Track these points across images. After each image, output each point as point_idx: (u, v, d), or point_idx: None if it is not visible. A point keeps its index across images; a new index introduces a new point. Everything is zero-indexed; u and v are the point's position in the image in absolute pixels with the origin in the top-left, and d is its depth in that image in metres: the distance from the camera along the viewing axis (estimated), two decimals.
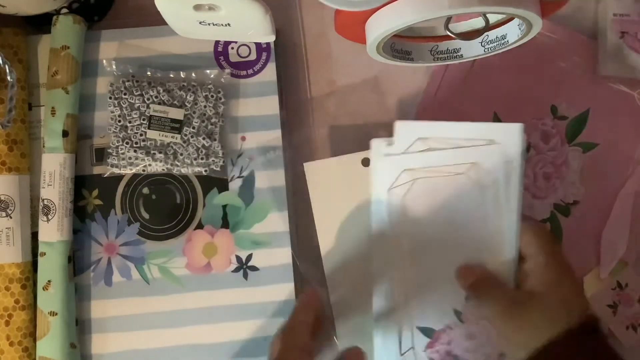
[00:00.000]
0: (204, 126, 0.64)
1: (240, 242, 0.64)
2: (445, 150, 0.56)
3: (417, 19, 0.48)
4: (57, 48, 0.62)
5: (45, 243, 0.61)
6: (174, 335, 0.63)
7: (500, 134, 0.55)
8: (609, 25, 0.65)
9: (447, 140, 0.55)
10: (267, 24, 0.58)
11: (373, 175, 0.58)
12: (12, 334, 0.61)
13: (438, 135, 0.55)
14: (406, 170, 0.57)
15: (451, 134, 0.55)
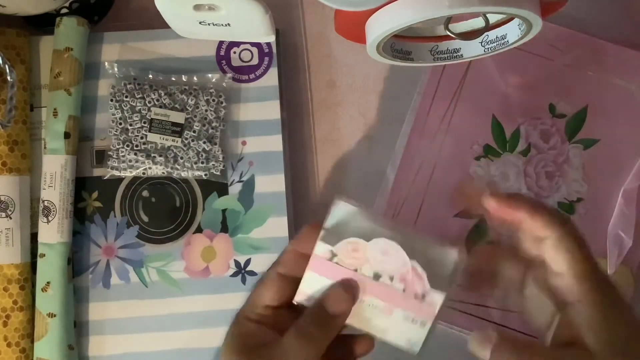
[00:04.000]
0: (205, 130, 0.64)
1: (239, 247, 0.64)
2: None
3: (417, 19, 0.47)
4: (61, 50, 0.62)
5: (45, 244, 0.61)
6: (171, 338, 0.63)
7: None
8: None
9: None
10: (267, 24, 0.58)
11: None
12: (10, 335, 0.61)
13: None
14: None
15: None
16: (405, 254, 0.47)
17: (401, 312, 0.48)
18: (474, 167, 0.66)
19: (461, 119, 0.66)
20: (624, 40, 0.67)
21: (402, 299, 0.47)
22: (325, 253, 0.48)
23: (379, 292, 0.48)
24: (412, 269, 0.47)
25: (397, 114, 0.68)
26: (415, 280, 0.47)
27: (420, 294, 0.47)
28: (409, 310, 0.47)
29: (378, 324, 0.48)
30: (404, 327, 0.48)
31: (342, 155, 0.68)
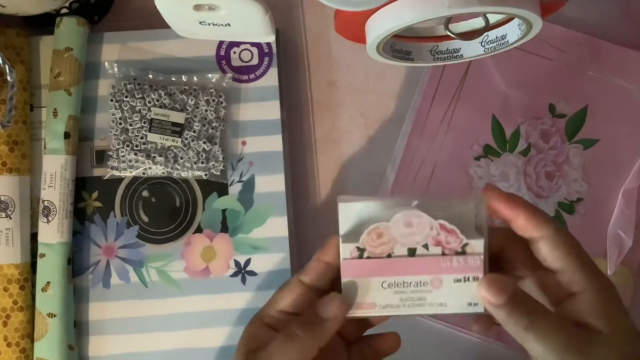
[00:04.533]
0: (205, 130, 0.64)
1: (239, 247, 0.64)
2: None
3: (417, 19, 0.47)
4: (61, 50, 0.62)
5: (45, 244, 0.61)
6: (171, 338, 0.63)
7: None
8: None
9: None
10: (267, 24, 0.58)
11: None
12: (10, 335, 0.61)
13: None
14: None
15: None
16: (428, 215, 0.45)
17: (450, 277, 0.45)
18: (474, 167, 0.66)
19: (461, 119, 0.66)
20: (624, 40, 0.67)
21: (445, 263, 0.45)
22: (352, 252, 0.46)
23: (421, 267, 0.46)
24: (441, 226, 0.45)
25: (397, 114, 0.68)
26: (449, 237, 0.45)
27: (460, 249, 0.45)
28: (457, 272, 0.45)
29: (433, 300, 0.46)
30: (459, 291, 0.45)
31: (342, 155, 0.68)
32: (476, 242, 0.45)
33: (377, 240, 0.46)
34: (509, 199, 0.46)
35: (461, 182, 0.66)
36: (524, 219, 0.46)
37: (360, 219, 0.47)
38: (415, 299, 0.46)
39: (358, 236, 0.46)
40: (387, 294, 0.46)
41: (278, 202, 0.64)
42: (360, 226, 0.46)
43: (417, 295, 0.46)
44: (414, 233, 0.45)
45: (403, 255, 0.46)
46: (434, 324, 0.65)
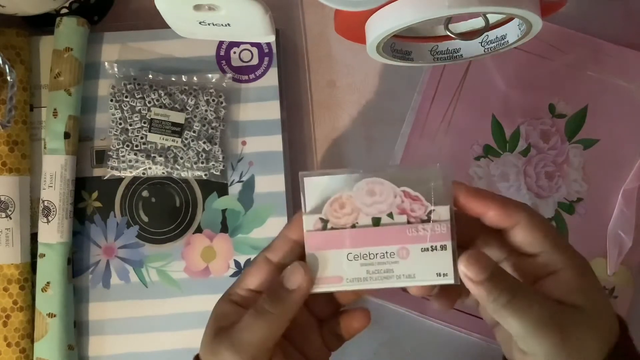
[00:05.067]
0: (205, 130, 0.64)
1: (239, 247, 0.64)
2: None
3: (417, 19, 0.47)
4: (60, 50, 0.62)
5: (45, 244, 0.61)
6: (171, 338, 0.63)
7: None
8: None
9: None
10: (267, 24, 0.58)
11: None
12: (10, 335, 0.61)
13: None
14: None
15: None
16: (391, 183, 0.44)
17: (417, 247, 0.44)
18: (474, 167, 0.66)
19: (461, 119, 0.66)
20: (624, 40, 0.67)
21: (411, 232, 0.44)
22: (316, 224, 0.45)
23: (386, 236, 0.44)
24: (405, 194, 0.44)
25: (397, 114, 0.67)
26: (414, 204, 0.44)
27: (425, 216, 0.44)
28: (424, 241, 0.44)
29: (401, 271, 0.44)
30: (427, 261, 0.44)
31: (342, 155, 0.68)
32: (441, 208, 0.43)
33: (341, 210, 0.44)
34: (477, 194, 0.45)
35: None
36: (495, 211, 0.45)
37: (325, 193, 0.45)
38: (382, 271, 0.44)
39: (321, 205, 0.44)
40: (353, 267, 0.44)
41: (278, 202, 0.64)
42: (324, 195, 0.45)
43: (384, 267, 0.44)
44: (378, 202, 0.44)
45: (367, 225, 0.44)
46: (434, 324, 0.65)
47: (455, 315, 0.65)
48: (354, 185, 0.44)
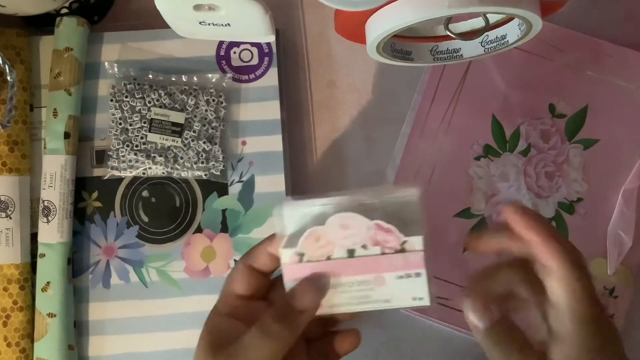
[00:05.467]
0: (205, 130, 0.64)
1: (239, 247, 0.64)
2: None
3: (417, 19, 0.47)
4: (61, 50, 0.62)
5: (45, 244, 0.61)
6: (171, 338, 0.63)
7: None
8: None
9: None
10: (267, 24, 0.58)
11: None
12: (10, 335, 0.61)
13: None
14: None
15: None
16: (363, 217, 0.44)
17: (392, 275, 0.45)
18: (474, 167, 0.66)
19: (461, 119, 0.66)
20: (624, 40, 0.67)
21: (386, 261, 0.45)
22: (292, 258, 0.46)
23: (361, 267, 0.45)
24: (378, 226, 0.44)
25: (397, 114, 0.67)
26: (387, 236, 0.44)
27: (399, 247, 0.45)
28: (398, 269, 0.45)
29: (378, 297, 0.46)
30: (402, 287, 0.45)
31: (342, 155, 0.68)
32: (415, 239, 0.44)
33: (316, 243, 0.45)
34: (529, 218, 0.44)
35: (461, 182, 0.66)
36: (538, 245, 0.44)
37: (299, 220, 0.46)
38: (360, 297, 0.46)
39: (297, 238, 0.45)
40: (331, 294, 0.46)
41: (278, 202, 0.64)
42: (300, 226, 0.46)
43: (362, 294, 0.46)
44: (351, 235, 0.45)
45: (342, 257, 0.45)
46: (434, 324, 0.65)
47: (455, 315, 0.65)
48: (327, 212, 0.45)
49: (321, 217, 0.45)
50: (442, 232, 0.66)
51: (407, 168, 0.66)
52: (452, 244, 0.66)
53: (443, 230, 0.66)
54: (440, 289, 0.65)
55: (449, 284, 0.65)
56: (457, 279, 0.65)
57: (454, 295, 0.65)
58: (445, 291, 0.65)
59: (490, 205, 0.66)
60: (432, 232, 0.65)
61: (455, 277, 0.65)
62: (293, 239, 0.45)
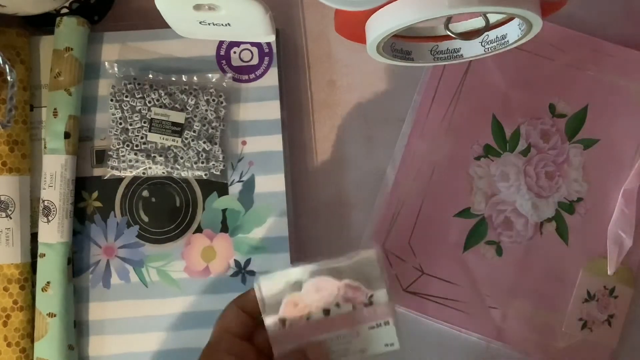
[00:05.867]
0: (205, 130, 0.64)
1: (239, 247, 0.64)
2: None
3: (417, 19, 0.47)
4: (61, 49, 0.62)
5: (45, 244, 0.61)
6: (171, 338, 0.63)
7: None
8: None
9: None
10: (267, 24, 0.58)
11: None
12: (10, 335, 0.61)
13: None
14: None
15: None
16: (333, 279, 0.51)
17: (365, 326, 0.51)
18: (474, 167, 0.66)
19: (461, 119, 0.66)
20: (624, 40, 0.68)
21: (358, 315, 0.51)
22: (276, 324, 0.51)
23: (337, 323, 0.51)
24: (346, 286, 0.51)
25: (397, 114, 0.68)
26: (356, 293, 0.51)
27: (367, 301, 0.51)
28: (369, 320, 0.51)
29: (354, 348, 0.51)
30: (375, 336, 0.51)
31: (342, 155, 0.68)
32: (380, 292, 0.51)
33: (295, 308, 0.51)
34: None
35: (461, 182, 0.66)
36: None
37: (277, 290, 0.51)
38: (340, 350, 0.51)
39: (277, 305, 0.51)
40: None
41: (278, 202, 0.64)
42: (279, 294, 0.51)
43: (342, 347, 0.51)
44: (325, 296, 0.51)
45: (320, 317, 0.51)
46: (434, 324, 0.65)
47: (456, 315, 0.65)
48: (302, 279, 0.51)
49: (296, 284, 0.51)
50: (442, 232, 0.66)
51: (407, 168, 0.66)
52: (452, 244, 0.66)
53: (443, 230, 0.66)
54: (440, 289, 0.65)
55: (449, 283, 0.65)
56: (457, 279, 0.65)
57: (454, 295, 0.65)
58: (445, 291, 0.65)
59: (490, 205, 0.66)
60: (432, 232, 0.65)
61: (455, 277, 0.65)
62: (273, 306, 0.51)
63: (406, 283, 0.65)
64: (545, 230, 0.66)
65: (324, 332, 0.51)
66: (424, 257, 0.66)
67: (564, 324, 0.64)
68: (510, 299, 0.65)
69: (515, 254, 0.65)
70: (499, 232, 0.66)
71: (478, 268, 0.65)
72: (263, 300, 0.51)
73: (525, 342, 0.64)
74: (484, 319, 0.65)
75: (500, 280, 0.65)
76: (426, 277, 0.65)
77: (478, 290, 0.65)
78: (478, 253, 0.65)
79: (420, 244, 0.66)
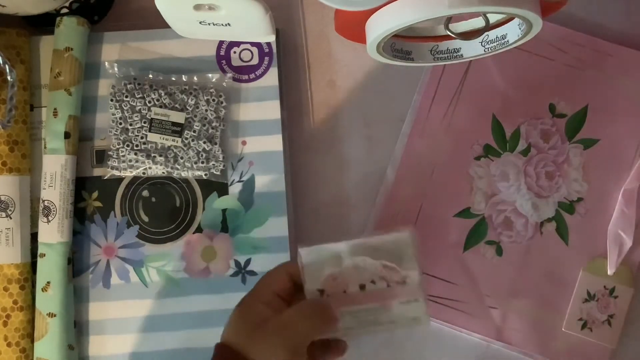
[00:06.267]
0: (205, 130, 0.64)
1: (239, 247, 0.64)
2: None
3: (417, 19, 0.47)
4: (61, 49, 0.62)
5: (45, 244, 0.61)
6: (171, 338, 0.63)
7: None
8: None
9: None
10: (267, 23, 0.58)
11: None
12: (10, 335, 0.61)
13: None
14: None
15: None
16: (371, 259, 0.54)
17: (397, 301, 0.54)
18: (474, 167, 0.66)
19: (461, 119, 0.66)
20: (624, 40, 0.67)
21: (391, 292, 0.54)
22: (314, 294, 0.54)
23: (371, 297, 0.54)
24: (383, 266, 0.54)
25: (397, 114, 0.68)
26: (391, 273, 0.54)
27: (402, 280, 0.54)
28: (401, 297, 0.54)
29: (383, 319, 0.55)
30: (405, 311, 0.54)
31: (342, 155, 0.68)
32: (413, 273, 0.54)
33: (334, 282, 0.54)
34: None
35: (461, 182, 0.66)
36: None
37: (318, 263, 0.54)
38: (370, 321, 0.55)
39: (318, 278, 0.54)
40: (346, 319, 0.55)
41: (278, 201, 0.64)
42: (320, 267, 0.54)
43: (371, 318, 0.55)
44: (362, 274, 0.54)
45: (356, 291, 0.54)
46: (434, 324, 0.65)
47: (456, 315, 0.65)
48: (342, 255, 0.54)
49: (336, 258, 0.54)
50: (442, 232, 0.66)
51: (407, 168, 0.66)
52: (452, 244, 0.66)
53: (443, 230, 0.66)
54: (441, 289, 0.65)
55: (449, 283, 0.65)
56: (457, 279, 0.65)
57: (454, 295, 0.65)
58: (445, 291, 0.65)
59: (490, 205, 0.66)
60: (432, 232, 0.65)
61: (455, 277, 0.65)
62: (314, 276, 0.54)
63: None
64: (545, 230, 0.66)
65: (357, 304, 0.54)
66: (424, 257, 0.65)
67: (564, 324, 0.65)
68: (510, 299, 0.65)
69: (515, 254, 0.65)
70: (499, 232, 0.66)
71: (478, 268, 0.65)
72: (304, 270, 0.54)
73: (525, 342, 0.64)
74: (484, 319, 0.65)
75: (500, 280, 0.65)
76: (426, 277, 0.65)
77: (478, 290, 0.65)
78: (478, 253, 0.65)
79: (420, 244, 0.65)
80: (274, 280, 0.55)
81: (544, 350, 0.64)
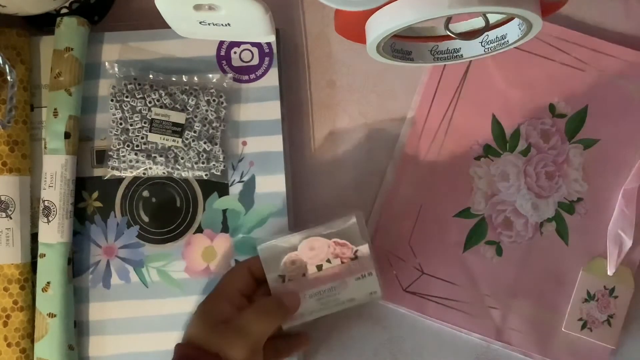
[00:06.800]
0: (205, 130, 0.64)
1: (240, 247, 0.64)
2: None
3: (417, 19, 0.47)
4: (61, 50, 0.62)
5: (45, 244, 0.61)
6: (171, 338, 0.63)
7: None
8: None
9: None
10: (267, 23, 0.58)
11: None
12: (10, 335, 0.61)
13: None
14: None
15: None
16: (324, 238, 0.60)
17: (352, 278, 0.60)
18: (474, 167, 0.66)
19: (461, 119, 0.66)
20: (624, 40, 0.68)
21: (346, 269, 0.60)
22: (277, 280, 0.60)
23: (329, 276, 0.60)
24: (335, 243, 0.60)
25: (397, 114, 0.68)
26: (343, 249, 0.60)
27: (353, 255, 0.60)
28: (355, 273, 0.60)
29: (343, 298, 0.60)
30: (360, 286, 0.60)
31: (342, 155, 0.68)
32: (363, 247, 0.60)
33: (292, 266, 0.60)
34: None
35: (461, 182, 0.66)
36: None
37: (276, 251, 0.60)
38: (332, 301, 0.60)
39: (277, 263, 0.60)
40: (310, 303, 0.60)
41: (278, 202, 0.64)
42: (277, 255, 0.60)
43: (332, 298, 0.60)
44: (317, 254, 0.60)
45: (314, 272, 0.60)
46: (434, 324, 0.65)
47: (456, 315, 0.65)
48: (298, 244, 0.60)
49: (293, 247, 0.60)
50: (442, 232, 0.66)
51: (407, 168, 0.66)
52: (452, 244, 0.66)
53: (443, 230, 0.66)
54: (440, 288, 0.65)
55: (449, 283, 0.65)
56: (457, 279, 0.65)
57: (454, 295, 0.65)
58: (445, 291, 0.65)
59: (490, 205, 0.66)
60: (432, 232, 0.65)
61: (455, 277, 0.65)
62: (274, 265, 0.60)
63: (406, 283, 0.65)
64: (545, 230, 0.66)
65: (317, 286, 0.60)
66: (424, 257, 0.66)
67: (564, 324, 0.65)
68: (510, 299, 0.65)
69: (515, 254, 0.66)
70: (499, 232, 0.66)
71: (478, 268, 0.65)
72: (265, 260, 0.60)
73: (525, 342, 0.65)
74: (484, 319, 0.65)
75: (500, 280, 0.65)
76: (426, 277, 0.65)
77: (478, 290, 0.65)
78: (478, 253, 0.66)
79: (420, 244, 0.66)
80: (236, 278, 0.60)
81: (543, 350, 0.64)
